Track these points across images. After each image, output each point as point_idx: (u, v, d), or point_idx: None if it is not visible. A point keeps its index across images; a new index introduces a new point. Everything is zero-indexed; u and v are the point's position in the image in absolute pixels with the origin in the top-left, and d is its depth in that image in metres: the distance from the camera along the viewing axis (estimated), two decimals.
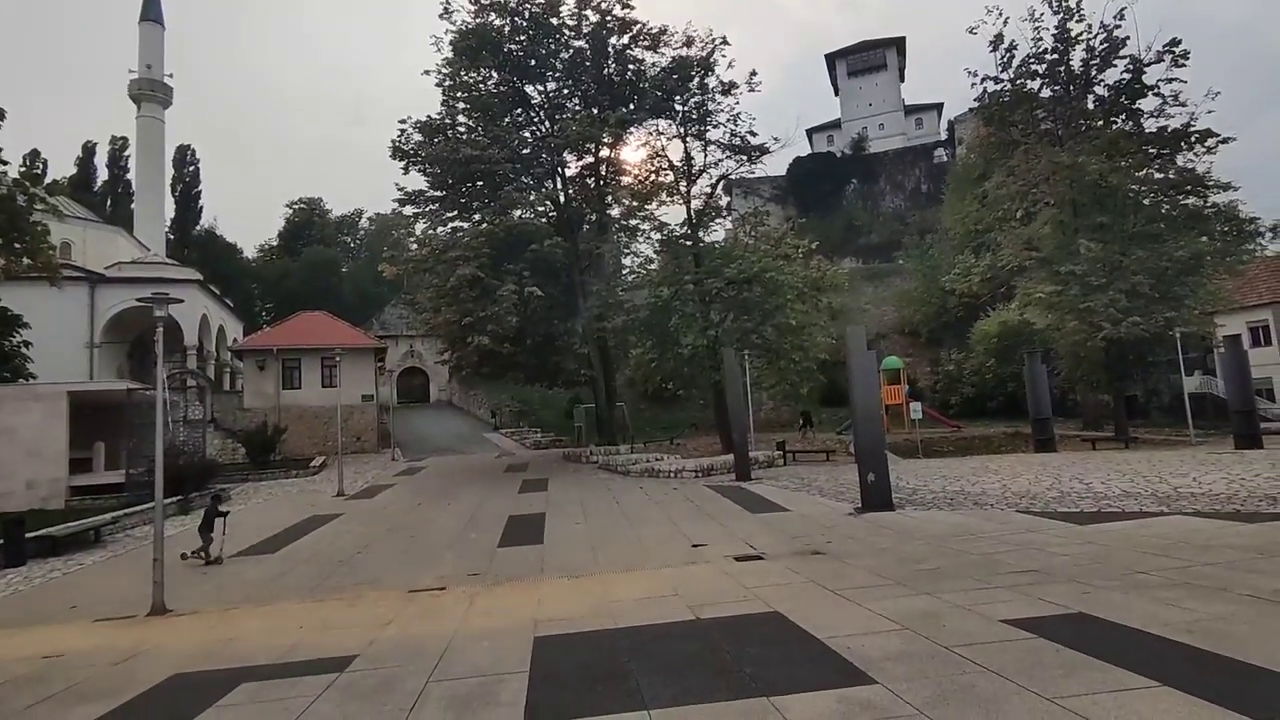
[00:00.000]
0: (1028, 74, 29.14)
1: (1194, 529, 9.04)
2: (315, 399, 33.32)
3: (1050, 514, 10.93)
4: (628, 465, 22.51)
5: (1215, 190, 26.89)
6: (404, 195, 27.25)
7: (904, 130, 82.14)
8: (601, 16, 27.08)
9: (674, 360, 27.54)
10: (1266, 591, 5.97)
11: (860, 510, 12.40)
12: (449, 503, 17.79)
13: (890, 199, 77.88)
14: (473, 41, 26.44)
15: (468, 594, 8.71)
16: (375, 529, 14.76)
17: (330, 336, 33.65)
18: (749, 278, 25.78)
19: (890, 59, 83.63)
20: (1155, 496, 11.82)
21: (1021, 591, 6.60)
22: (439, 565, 10.87)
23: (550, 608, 7.61)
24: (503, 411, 43.39)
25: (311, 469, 27.33)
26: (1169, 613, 5.62)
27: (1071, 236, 27.35)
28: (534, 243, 25.57)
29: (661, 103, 28.22)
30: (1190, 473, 14.31)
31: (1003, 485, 14.46)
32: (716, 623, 6.47)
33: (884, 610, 6.32)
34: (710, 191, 29.75)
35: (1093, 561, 7.61)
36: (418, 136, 26.55)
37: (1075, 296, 26.10)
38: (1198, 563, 7.17)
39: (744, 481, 17.83)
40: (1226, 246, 27.29)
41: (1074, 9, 27.84)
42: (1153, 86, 27.27)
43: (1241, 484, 12.42)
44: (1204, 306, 28.12)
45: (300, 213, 77.80)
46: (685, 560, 9.70)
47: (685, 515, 13.67)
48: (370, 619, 7.88)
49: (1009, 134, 30.63)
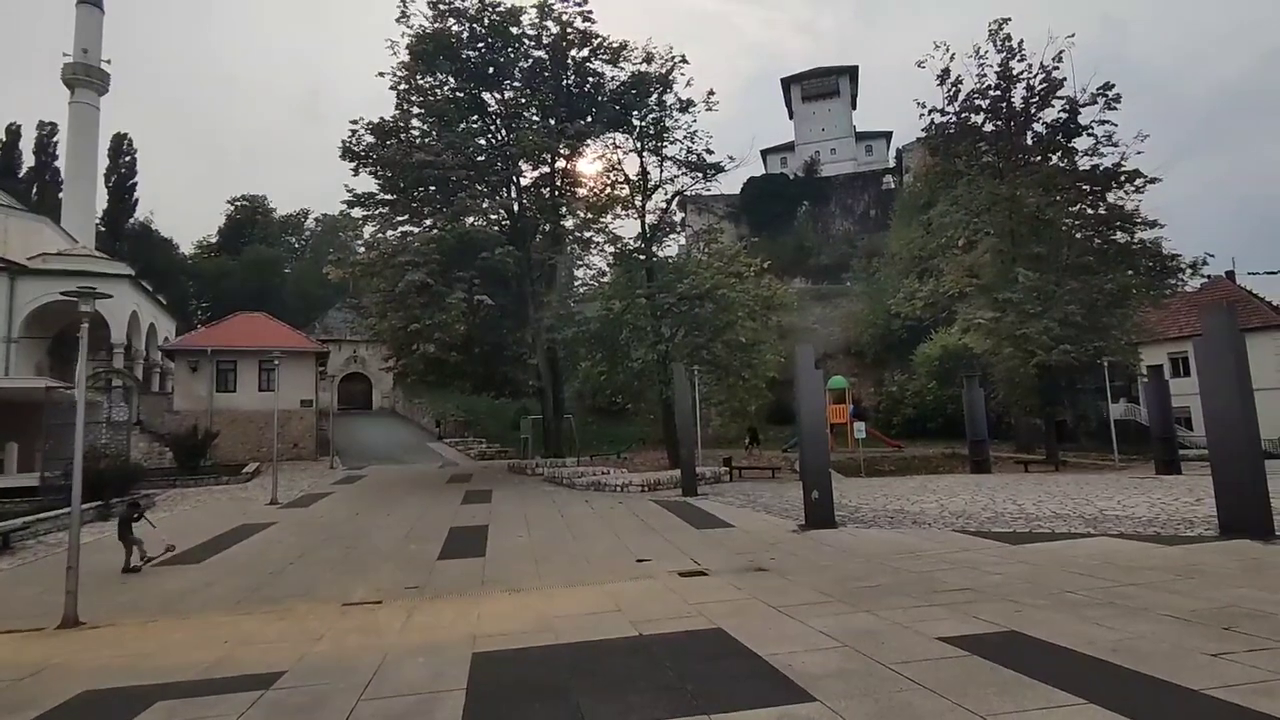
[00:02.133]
0: (972, 108, 30.30)
1: (1118, 550, 9.40)
2: (251, 403, 32.14)
3: (985, 533, 11.23)
4: (574, 478, 22.33)
5: (1142, 227, 28.35)
6: (353, 197, 26.69)
7: (855, 156, 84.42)
8: (562, 28, 27.11)
9: (624, 374, 27.55)
10: (1184, 612, 6.22)
11: (804, 527, 12.54)
12: (388, 513, 17.32)
13: (840, 222, 79.79)
14: (429, 46, 26.14)
15: (405, 608, 8.46)
16: (310, 539, 14.25)
17: (269, 339, 32.55)
18: (701, 294, 26.00)
19: (843, 86, 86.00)
20: (1083, 518, 12.28)
21: (957, 610, 6.74)
22: (376, 578, 10.54)
23: (490, 623, 7.44)
24: (447, 421, 42.65)
25: (244, 476, 26.30)
26: (1095, 632, 5.80)
27: (1010, 265, 28.42)
28: (485, 250, 25.29)
29: (619, 116, 28.37)
30: (1115, 496, 14.95)
31: (940, 505, 14.83)
32: (659, 639, 6.42)
33: (825, 627, 6.36)
34: (665, 206, 30.01)
35: (1024, 581, 7.83)
36: (369, 138, 26.06)
37: (1012, 323, 27.11)
38: (1122, 583, 7.44)
39: (690, 497, 17.86)
40: (1151, 281, 28.76)
41: (1016, 49, 29.10)
42: (1087, 127, 28.64)
43: (1162, 508, 13.01)
44: (1130, 337, 29.53)
45: (243, 210, 75.38)
46: (629, 575, 9.63)
47: (630, 530, 13.60)
48: (300, 633, 7.57)
49: (953, 164, 31.73)
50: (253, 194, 77.44)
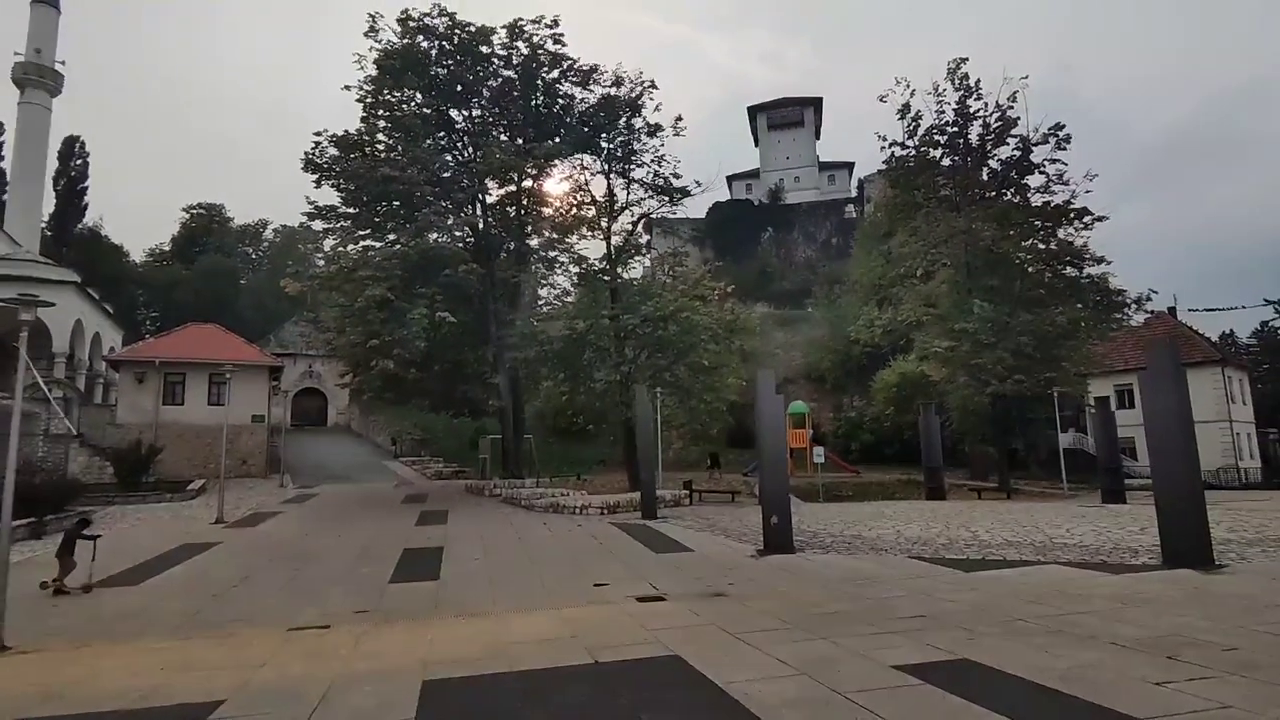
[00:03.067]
0: (931, 143, 31.25)
1: (1067, 578, 9.60)
2: (199, 417, 31.11)
3: (940, 560, 11.37)
4: (532, 500, 22.06)
5: (1090, 263, 29.46)
6: (314, 209, 26.24)
7: (818, 185, 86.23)
8: (533, 49, 27.25)
9: (586, 395, 27.41)
10: (1129, 640, 6.35)
11: (763, 552, 12.54)
12: (339, 534, 16.86)
13: (803, 249, 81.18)
14: (397, 62, 26.04)
15: (354, 633, 8.19)
16: (256, 560, 13.77)
17: (221, 351, 31.63)
18: (665, 316, 26.09)
19: (807, 117, 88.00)
20: (1033, 546, 12.53)
21: (912, 637, 6.78)
22: (324, 601, 10.21)
23: (442, 649, 7.25)
24: (404, 439, 41.88)
25: (189, 493, 25.39)
26: (1044, 659, 5.88)
27: (965, 296, 29.21)
28: (449, 267, 25.07)
29: (588, 138, 28.52)
30: (1064, 524, 15.30)
31: (897, 531, 14.99)
32: (615, 666, 6.32)
33: (782, 655, 6.34)
34: (631, 229, 30.13)
35: (977, 608, 7.93)
36: (333, 151, 25.73)
37: (967, 352, 27.81)
38: (1070, 611, 7.58)
39: (650, 520, 17.76)
40: (1098, 315, 29.83)
41: (973, 88, 30.17)
42: (1039, 165, 29.75)
43: (1108, 536, 13.35)
44: (1078, 369, 30.50)
45: (198, 218, 73.55)
46: (587, 600, 9.50)
47: (589, 553, 13.45)
48: (243, 659, 7.26)
49: (912, 197, 32.63)
50: (210, 202, 75.74)
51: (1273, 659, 5.58)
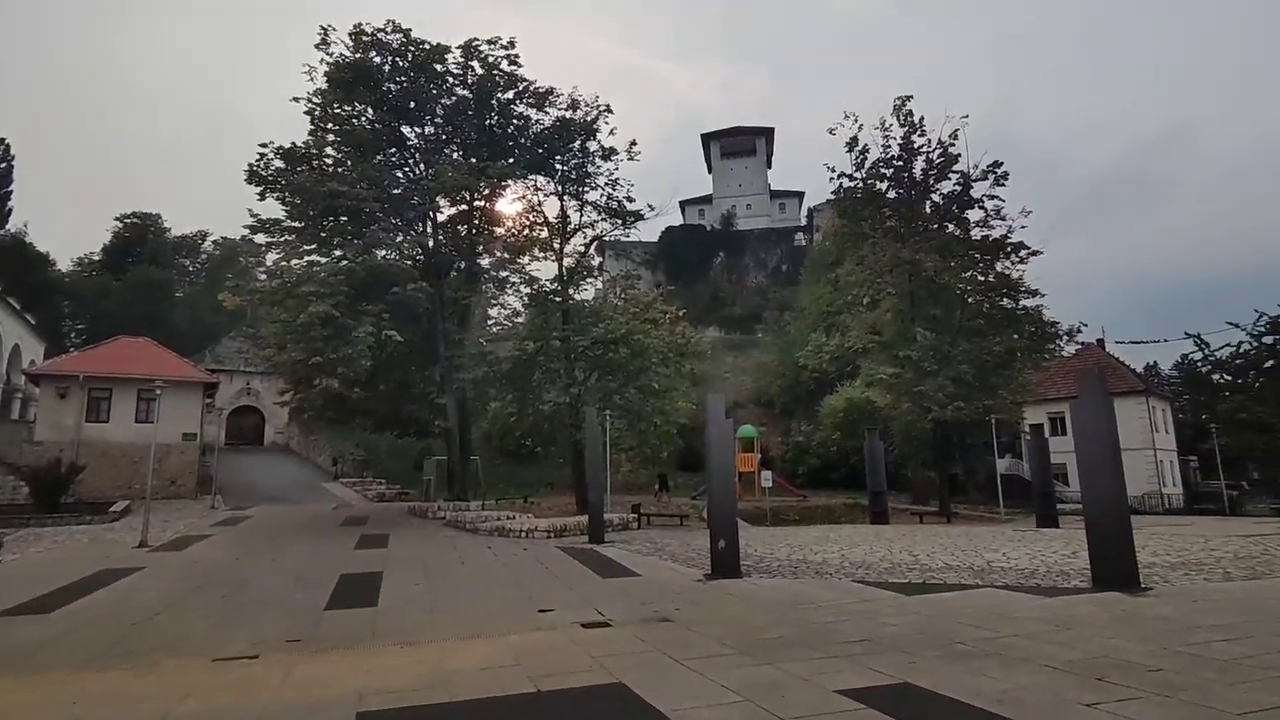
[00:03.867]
0: (877, 175, 32.32)
1: (1004, 601, 9.82)
2: (126, 435, 29.67)
3: (883, 584, 11.52)
4: (477, 523, 21.62)
5: (1026, 295, 30.75)
6: (257, 222, 25.51)
7: (769, 213, 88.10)
8: (488, 70, 27.23)
9: (535, 416, 27.14)
10: (1062, 662, 6.51)
11: (710, 577, 12.50)
12: (273, 558, 16.19)
13: (754, 275, 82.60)
14: (349, 75, 25.69)
15: (285, 663, 7.81)
16: (181, 586, 13.09)
17: (152, 366, 30.32)
18: (616, 338, 26.10)
19: (760, 146, 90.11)
20: (971, 569, 12.80)
21: (856, 661, 6.81)
22: (254, 629, 9.73)
23: (379, 678, 6.97)
24: (345, 460, 40.71)
25: (111, 515, 24.08)
26: (982, 682, 5.97)
27: (909, 325, 30.10)
28: (397, 285, 24.63)
29: (542, 160, 28.54)
30: (1000, 548, 15.72)
31: (841, 555, 15.16)
32: (558, 695, 6.17)
33: (727, 681, 6.29)
34: (584, 250, 30.18)
35: (918, 631, 8.03)
36: (279, 163, 25.13)
37: (911, 379, 28.59)
38: (1006, 634, 7.73)
39: (597, 544, 17.57)
40: (1033, 345, 31.10)
41: (918, 124, 31.39)
42: (978, 200, 31.04)
43: (1042, 560, 13.75)
44: (1015, 397, 31.65)
45: (132, 227, 70.70)
46: (530, 626, 9.29)
47: (534, 578, 13.20)
48: (164, 692, 6.83)
49: (859, 227, 33.61)
50: (145, 211, 72.96)
51: (1193, 680, 5.79)
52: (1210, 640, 7.10)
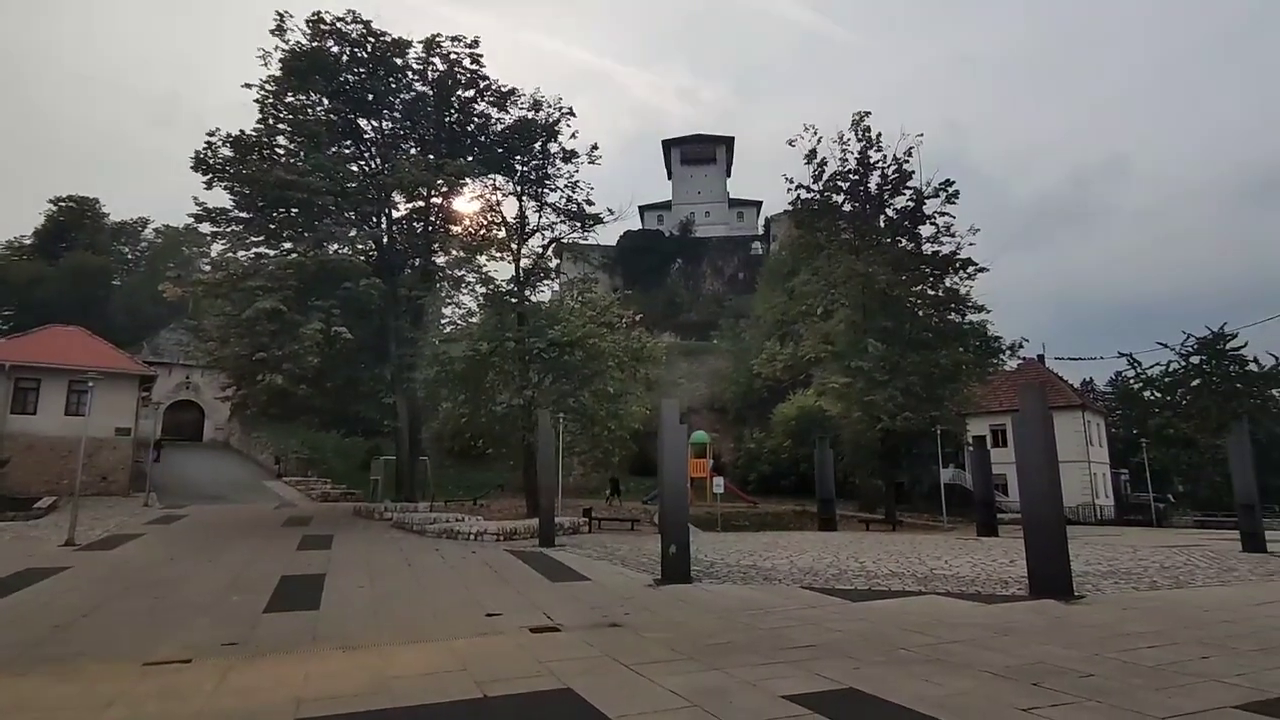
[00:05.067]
0: (834, 188, 32.94)
1: (945, 608, 10.06)
2: (54, 428, 28.31)
3: (830, 590, 11.69)
4: (425, 524, 21.24)
5: (972, 310, 31.67)
6: (203, 211, 24.69)
7: (727, 221, 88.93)
8: (450, 66, 26.91)
9: (487, 418, 26.81)
10: (999, 668, 6.69)
11: (660, 582, 12.51)
12: (210, 559, 15.63)
13: (711, 282, 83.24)
14: (305, 64, 25.09)
15: (220, 667, 7.52)
16: (110, 587, 12.52)
17: (85, 357, 28.99)
18: (571, 341, 25.97)
19: (720, 154, 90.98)
20: (915, 576, 13.09)
21: (802, 667, 6.89)
22: (188, 633, 9.36)
23: (319, 684, 6.76)
24: (289, 458, 39.57)
25: (35, 511, 22.96)
26: (924, 688, 6.10)
27: (861, 336, 30.70)
28: (348, 280, 24.09)
29: (502, 159, 28.28)
30: (943, 556, 16.13)
31: (790, 561, 15.34)
32: (504, 700, 6.08)
33: (675, 686, 6.29)
34: (541, 252, 29.97)
35: (863, 638, 8.16)
36: (227, 151, 24.36)
37: (861, 389, 29.15)
38: (948, 640, 7.92)
39: (547, 548, 17.44)
40: (978, 359, 32.03)
41: (874, 140, 32.10)
42: (930, 216, 31.88)
43: (982, 568, 14.15)
44: (960, 409, 32.56)
45: (68, 211, 67.52)
46: (477, 631, 9.15)
47: (482, 581, 13.02)
48: (88, 699, 6.51)
49: (816, 238, 34.18)
50: (82, 195, 69.74)
51: (1123, 685, 6.01)
52: (1138, 647, 7.39)
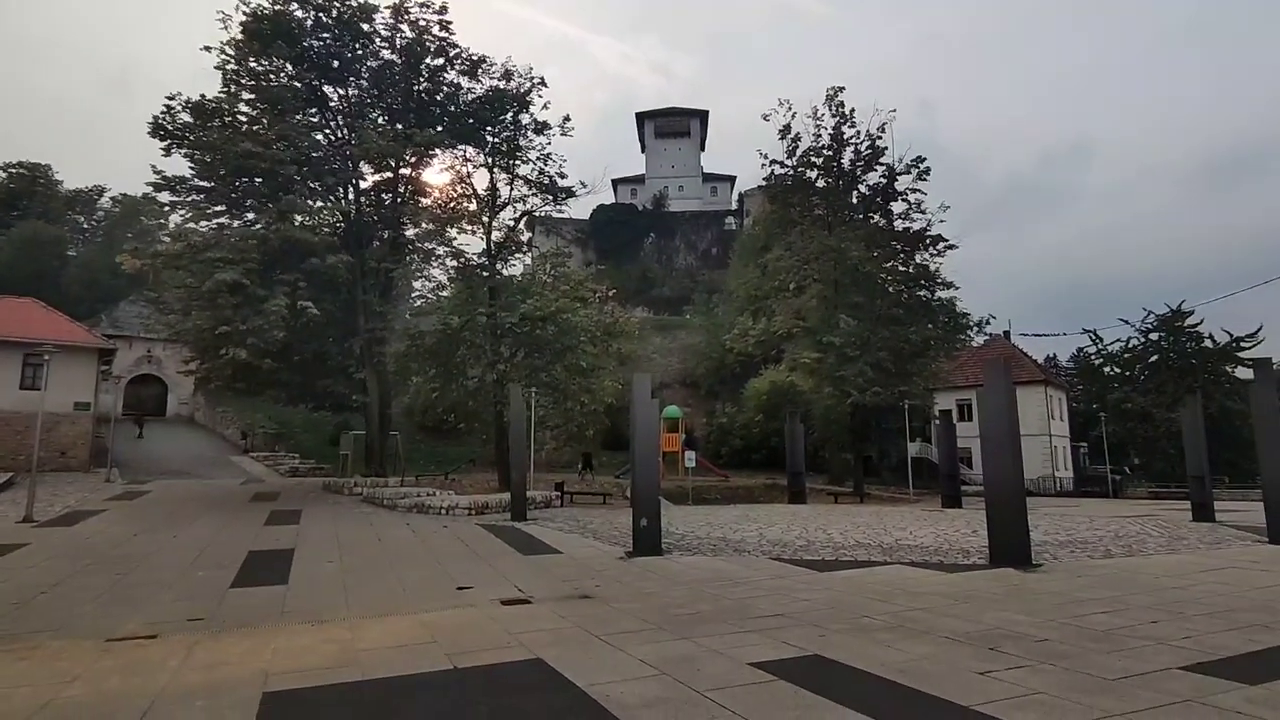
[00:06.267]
0: (808, 164, 32.96)
1: (909, 577, 10.31)
2: (9, 402, 27.54)
3: (797, 561, 11.91)
4: (395, 499, 21.14)
5: (942, 287, 32.08)
6: (161, 179, 23.92)
7: (701, 195, 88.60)
8: (418, 34, 26.23)
9: (458, 392, 26.64)
10: (959, 634, 6.90)
11: (631, 554, 12.63)
12: (174, 535, 15.41)
13: (684, 256, 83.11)
14: (267, 27, 24.25)
15: (185, 643, 7.45)
16: (71, 564, 12.30)
17: (40, 329, 28.15)
18: (544, 316, 25.80)
19: (694, 128, 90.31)
20: (880, 547, 13.39)
21: (769, 635, 7.03)
22: (151, 609, 9.25)
23: (287, 658, 6.74)
24: (256, 433, 39.01)
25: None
26: (887, 654, 6.27)
27: (833, 311, 30.97)
28: (314, 255, 23.54)
29: (472, 130, 27.74)
30: (908, 527, 16.50)
31: (759, 533, 15.58)
32: (475, 671, 6.12)
33: (644, 655, 6.38)
34: (513, 225, 29.57)
35: (829, 606, 8.35)
36: (187, 117, 23.57)
37: (833, 364, 29.48)
38: (910, 608, 8.14)
39: (519, 521, 17.49)
40: (947, 335, 32.54)
41: (848, 116, 32.12)
42: (902, 193, 32.09)
43: (945, 538, 14.51)
44: (928, 384, 33.12)
45: (19, 179, 65.11)
46: (448, 604, 9.18)
47: (453, 555, 13.03)
48: (49, 675, 6.42)
49: (789, 214, 34.27)
50: (34, 162, 67.17)
51: (1077, 649, 6.24)
52: (1091, 613, 7.66)
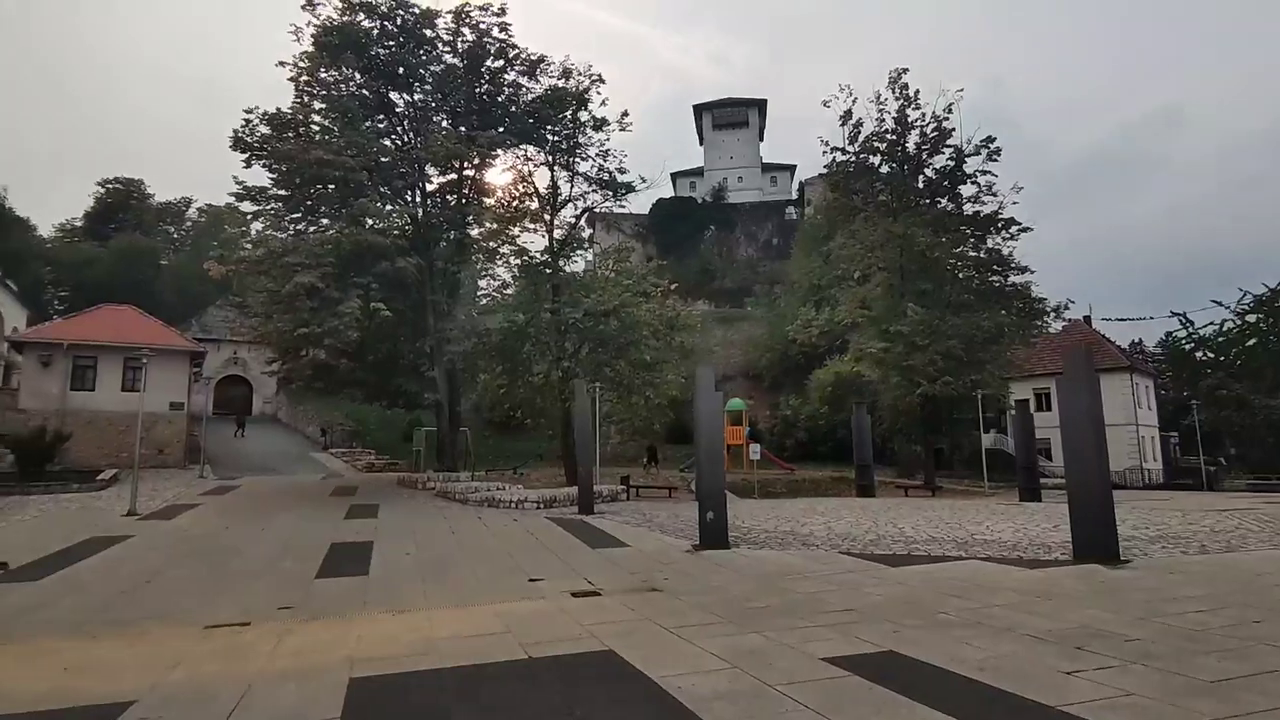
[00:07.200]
0: (870, 149, 32.14)
1: (987, 573, 9.99)
2: (112, 404, 29.48)
3: (868, 555, 11.68)
4: (467, 493, 21.71)
5: (1015, 271, 30.84)
6: (243, 190, 25.09)
7: (760, 186, 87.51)
8: (479, 36, 26.74)
9: (524, 389, 27.13)
10: (1042, 631, 6.65)
11: (698, 547, 12.64)
12: (262, 527, 16.23)
13: (745, 248, 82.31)
14: (336, 39, 25.14)
15: (276, 630, 7.87)
16: (171, 555, 13.12)
17: (137, 334, 30.03)
18: (607, 311, 26.01)
19: (752, 118, 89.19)
20: (955, 542, 13.01)
21: (841, 630, 6.94)
22: (244, 597, 9.79)
23: (370, 646, 7.03)
24: (334, 430, 40.65)
25: (98, 483, 24.01)
26: (965, 651, 6.10)
27: (899, 300, 30.17)
28: (386, 258, 24.31)
29: (533, 129, 28.14)
30: (984, 521, 15.96)
31: (827, 527, 15.35)
32: (548, 661, 6.26)
33: (714, 648, 6.39)
34: (574, 222, 29.94)
35: (902, 602, 8.17)
36: (265, 129, 24.64)
37: (900, 354, 28.74)
38: (989, 604, 7.89)
39: (586, 515, 17.72)
40: (1021, 321, 31.27)
41: (913, 98, 31.15)
42: (971, 175, 30.95)
43: (1024, 533, 13.98)
44: (1002, 372, 31.91)
45: (115, 193, 69.45)
46: (520, 595, 9.39)
47: (523, 548, 13.31)
48: (154, 659, 6.87)
49: (851, 201, 33.50)
50: (129, 177, 71.54)
51: (1170, 649, 5.93)
52: (1186, 611, 7.26)
